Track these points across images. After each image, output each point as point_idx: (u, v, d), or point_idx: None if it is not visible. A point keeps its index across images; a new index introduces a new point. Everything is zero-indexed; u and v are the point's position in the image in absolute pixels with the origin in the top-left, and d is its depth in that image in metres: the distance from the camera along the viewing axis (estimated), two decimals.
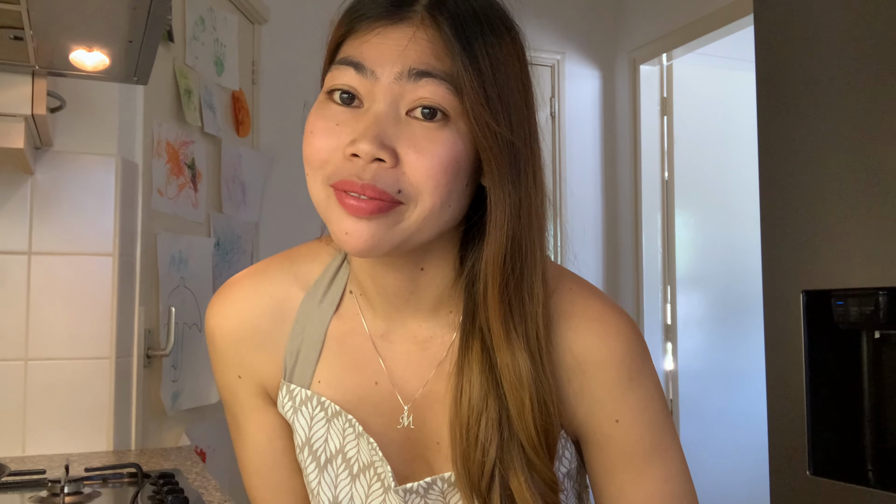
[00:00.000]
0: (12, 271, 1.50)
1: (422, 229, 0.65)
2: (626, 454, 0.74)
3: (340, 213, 0.64)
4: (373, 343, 0.76)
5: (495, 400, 0.69)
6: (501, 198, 0.66)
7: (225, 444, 2.25)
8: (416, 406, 0.75)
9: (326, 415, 0.76)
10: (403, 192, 0.63)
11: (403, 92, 0.63)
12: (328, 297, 0.78)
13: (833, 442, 1.53)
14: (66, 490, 1.15)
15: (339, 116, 0.65)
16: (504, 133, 0.64)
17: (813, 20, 1.54)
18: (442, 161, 0.63)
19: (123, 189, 1.58)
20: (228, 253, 2.33)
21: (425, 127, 0.63)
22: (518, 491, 0.68)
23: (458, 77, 0.62)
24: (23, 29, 1.02)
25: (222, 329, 0.79)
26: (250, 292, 0.80)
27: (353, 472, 0.76)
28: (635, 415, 0.74)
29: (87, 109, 1.56)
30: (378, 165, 0.62)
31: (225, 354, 0.80)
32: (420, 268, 0.71)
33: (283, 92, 2.70)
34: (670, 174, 3.12)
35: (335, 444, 0.76)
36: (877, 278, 1.40)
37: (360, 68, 0.65)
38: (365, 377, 0.76)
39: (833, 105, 1.50)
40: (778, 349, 1.59)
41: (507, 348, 0.68)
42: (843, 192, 1.47)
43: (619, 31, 3.23)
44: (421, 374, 0.75)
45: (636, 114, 3.13)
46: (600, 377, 0.73)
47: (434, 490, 0.74)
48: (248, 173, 2.49)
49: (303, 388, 0.76)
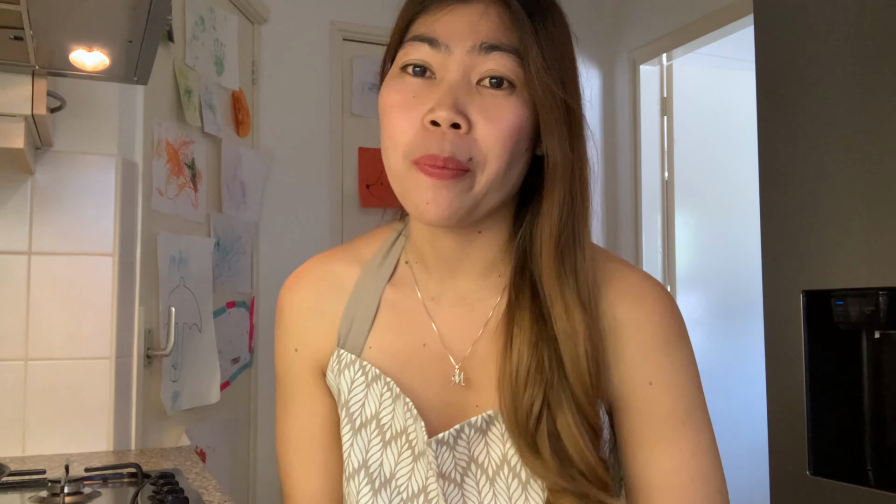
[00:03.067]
0: (12, 271, 1.50)
1: (489, 193, 0.71)
2: (656, 421, 0.75)
3: (421, 183, 0.69)
4: (424, 306, 0.81)
5: (546, 347, 0.72)
6: (560, 155, 0.72)
7: (225, 444, 2.25)
8: (464, 366, 0.78)
9: (366, 379, 0.79)
10: (473, 160, 0.69)
11: (474, 64, 0.70)
12: (383, 267, 0.84)
13: (833, 442, 1.53)
14: (66, 490, 1.15)
15: (415, 88, 0.71)
16: (563, 96, 0.71)
17: (813, 20, 1.55)
18: (509, 126, 0.69)
19: (123, 189, 1.58)
20: (228, 253, 2.33)
21: (493, 94, 0.70)
22: (565, 430, 0.71)
23: (524, 49, 0.70)
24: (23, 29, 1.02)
25: (289, 303, 0.85)
26: (315, 270, 0.86)
27: (385, 438, 0.78)
28: (668, 380, 0.76)
29: (87, 109, 1.56)
30: (454, 133, 0.68)
31: (288, 327, 0.85)
32: (478, 231, 0.77)
33: (283, 92, 2.70)
34: (670, 174, 3.12)
35: (371, 409, 0.79)
36: (877, 278, 1.40)
37: (435, 43, 0.71)
38: (414, 339, 0.80)
39: (833, 105, 1.50)
40: (778, 349, 1.59)
41: (561, 300, 0.72)
42: (843, 192, 1.47)
43: (619, 31, 3.23)
44: (469, 333, 0.79)
45: (636, 114, 3.13)
46: (636, 338, 0.76)
47: (462, 439, 0.76)
48: (248, 173, 2.49)
49: (351, 354, 0.80)
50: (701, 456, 0.75)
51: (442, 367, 0.79)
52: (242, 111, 2.49)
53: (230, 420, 2.31)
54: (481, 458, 0.76)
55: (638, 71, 3.12)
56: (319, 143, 2.78)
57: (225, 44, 2.35)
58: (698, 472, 0.75)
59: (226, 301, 2.30)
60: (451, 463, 0.76)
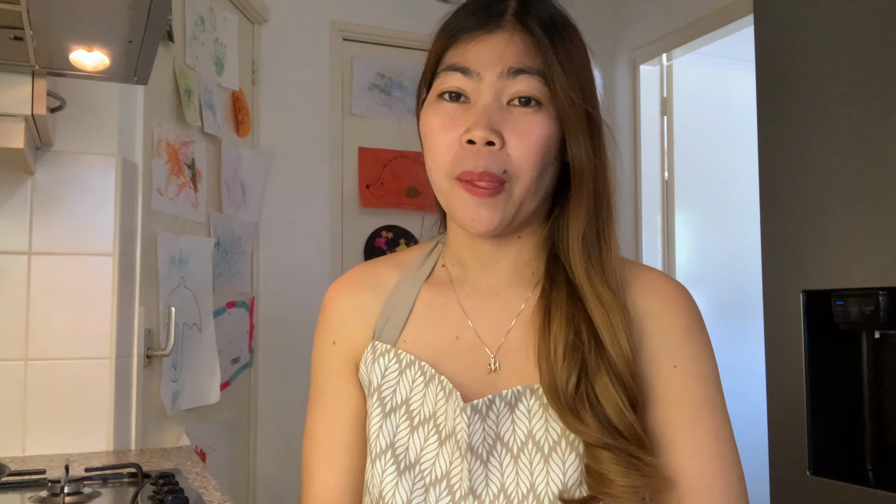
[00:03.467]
0: (12, 271, 1.50)
1: (525, 201, 0.79)
2: (679, 403, 0.80)
3: (464, 200, 0.78)
4: (459, 303, 0.87)
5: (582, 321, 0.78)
6: (584, 158, 0.80)
7: (225, 444, 2.25)
8: (499, 355, 0.84)
9: (400, 366, 0.84)
10: (508, 172, 0.77)
11: (504, 87, 0.78)
12: (421, 269, 0.90)
13: (833, 442, 1.53)
14: (66, 490, 1.15)
15: (452, 112, 0.80)
16: (584, 106, 0.79)
17: (813, 20, 1.55)
18: (538, 139, 0.78)
19: (123, 189, 1.58)
20: (228, 253, 2.33)
21: (523, 112, 0.78)
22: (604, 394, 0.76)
23: (547, 69, 0.78)
24: (23, 29, 1.02)
25: (333, 301, 0.92)
26: (360, 273, 0.93)
27: (413, 423, 0.82)
28: (690, 364, 0.81)
29: (87, 109, 1.56)
30: (489, 150, 0.76)
31: (328, 321, 0.91)
32: (518, 236, 0.85)
33: (283, 92, 2.70)
34: (670, 174, 3.12)
35: (402, 395, 0.83)
36: (877, 278, 1.40)
37: (467, 72, 0.79)
38: (447, 332, 0.85)
39: (833, 105, 1.50)
40: (778, 349, 1.59)
41: (591, 287, 0.79)
42: (843, 192, 1.47)
43: (619, 31, 3.23)
44: (502, 325, 0.85)
45: (636, 114, 3.13)
46: (660, 326, 0.82)
47: (493, 411, 0.80)
48: (248, 173, 2.49)
49: (386, 344, 0.86)
50: (721, 440, 0.80)
51: (474, 358, 0.84)
52: (242, 111, 2.49)
53: (230, 420, 2.31)
54: (507, 436, 0.79)
55: (638, 71, 3.12)
56: (319, 143, 2.78)
57: (225, 44, 2.36)
58: (718, 455, 0.79)
59: (226, 301, 2.30)
60: (481, 437, 0.79)
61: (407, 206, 2.87)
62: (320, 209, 2.76)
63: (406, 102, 2.93)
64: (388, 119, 2.90)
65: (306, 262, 2.71)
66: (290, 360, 2.63)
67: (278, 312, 2.63)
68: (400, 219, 2.87)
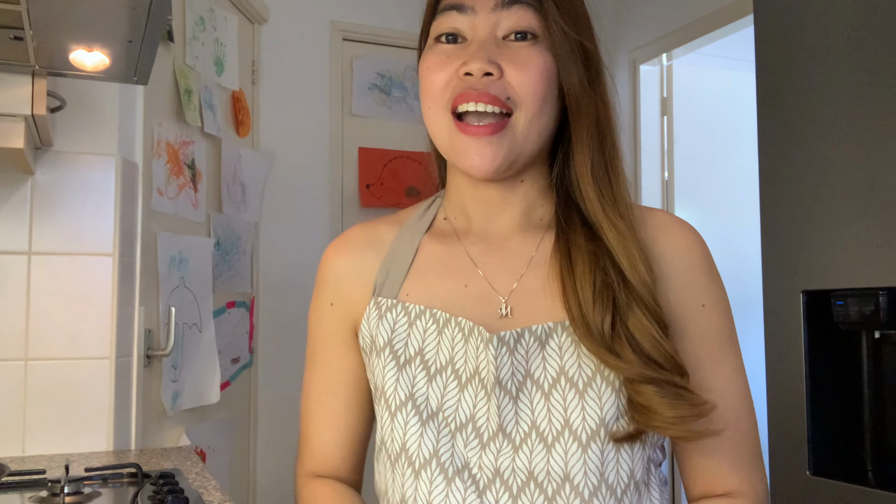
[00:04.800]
0: (12, 271, 1.50)
1: (528, 136, 0.78)
2: (709, 339, 0.81)
3: (463, 143, 0.77)
4: (466, 252, 0.85)
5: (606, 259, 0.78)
6: (582, 93, 0.79)
7: (225, 444, 2.25)
8: (510, 300, 0.82)
9: (409, 318, 0.83)
10: (512, 99, 0.77)
11: (499, 19, 0.78)
12: (421, 221, 0.89)
13: (833, 442, 1.53)
14: (66, 490, 1.15)
15: (448, 51, 0.79)
16: (579, 38, 0.78)
17: (813, 20, 1.55)
18: (538, 70, 0.77)
19: (123, 189, 1.58)
20: (228, 253, 2.33)
21: (519, 46, 0.78)
22: (639, 330, 0.75)
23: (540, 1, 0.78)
24: (23, 29, 1.02)
25: (330, 259, 0.90)
26: (358, 232, 0.91)
27: (430, 372, 0.81)
28: (716, 302, 0.82)
29: (87, 109, 1.56)
30: (488, 79, 0.76)
31: (326, 282, 0.90)
32: (520, 180, 0.84)
33: (283, 92, 2.70)
34: (670, 174, 3.12)
35: (415, 345, 0.82)
36: (877, 278, 1.40)
37: (462, 8, 0.79)
38: (455, 282, 0.84)
39: (833, 105, 1.50)
40: (778, 349, 1.59)
41: (606, 218, 0.79)
42: (843, 192, 1.47)
43: (619, 31, 3.23)
44: (514, 270, 0.83)
45: (636, 114, 3.13)
46: (684, 265, 0.82)
47: (521, 345, 0.78)
48: (248, 173, 2.49)
49: (389, 299, 0.84)
50: (742, 375, 0.83)
51: (485, 305, 0.82)
52: (242, 111, 2.49)
53: (230, 420, 2.31)
54: (537, 373, 0.78)
55: (638, 71, 3.11)
56: (319, 143, 2.78)
57: (225, 44, 2.35)
58: (744, 389, 0.83)
59: (226, 301, 2.30)
60: (509, 371, 0.77)
61: (407, 206, 2.86)
62: (320, 209, 2.76)
63: (407, 102, 2.93)
64: (388, 119, 2.90)
65: (306, 262, 2.71)
66: (290, 360, 2.63)
67: (278, 312, 2.63)
68: None
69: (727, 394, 0.80)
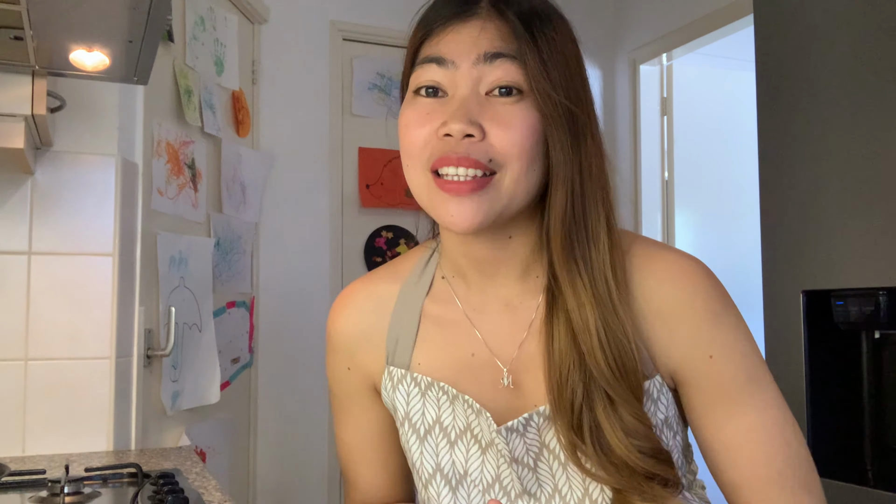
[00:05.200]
0: (12, 271, 1.50)
1: (514, 195, 0.73)
2: (722, 389, 0.78)
3: (443, 199, 0.73)
4: (467, 317, 0.83)
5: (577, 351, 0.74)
6: (561, 158, 0.74)
7: (225, 444, 2.25)
8: (512, 368, 0.81)
9: (420, 389, 0.83)
10: (494, 161, 0.72)
11: (482, 75, 0.73)
12: (420, 283, 0.87)
13: (833, 442, 1.53)
14: (66, 490, 1.15)
15: (429, 107, 0.75)
16: (562, 100, 0.73)
17: (813, 20, 1.54)
18: (522, 130, 0.72)
19: (123, 189, 1.58)
20: (228, 253, 2.33)
21: (503, 103, 0.73)
22: (605, 421, 0.73)
23: (522, 57, 0.72)
24: (23, 29, 1.02)
25: (336, 327, 0.89)
26: (359, 294, 0.90)
27: (450, 439, 0.81)
28: (726, 350, 0.78)
29: (87, 109, 1.56)
30: (469, 141, 0.71)
31: (338, 350, 0.89)
32: (508, 236, 0.79)
33: (283, 92, 2.70)
34: (670, 174, 3.12)
35: (431, 416, 0.82)
36: (877, 278, 1.40)
37: (442, 62, 0.74)
38: (461, 350, 0.83)
39: (833, 105, 1.50)
40: (778, 349, 1.59)
41: (573, 295, 0.74)
42: (843, 191, 1.47)
43: (619, 31, 3.23)
44: (514, 336, 0.81)
45: (636, 114, 3.13)
46: (686, 320, 0.77)
47: (532, 427, 0.78)
48: (248, 173, 2.49)
49: (400, 369, 0.84)
50: (769, 410, 0.79)
51: (492, 373, 0.81)
52: (242, 111, 2.49)
53: (230, 420, 2.31)
54: (552, 444, 0.78)
55: (638, 71, 3.11)
56: (319, 143, 2.78)
57: (225, 44, 2.35)
58: (773, 424, 0.78)
59: (226, 301, 2.30)
60: (523, 448, 0.78)
61: (407, 206, 2.87)
62: (320, 209, 2.76)
63: None
64: (388, 119, 2.90)
65: (306, 261, 2.71)
66: (290, 360, 2.63)
67: (278, 312, 2.63)
68: (400, 219, 2.87)
69: (752, 435, 0.77)
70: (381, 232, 2.86)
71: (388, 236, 2.87)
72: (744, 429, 0.77)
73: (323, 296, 2.72)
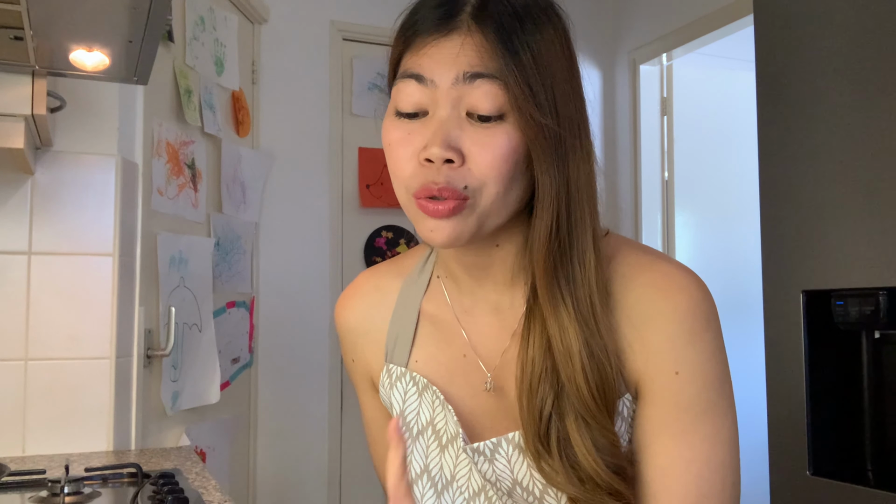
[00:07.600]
0: (12, 271, 1.50)
1: (491, 214, 0.73)
2: (679, 409, 0.76)
3: (423, 217, 0.73)
4: (457, 319, 0.84)
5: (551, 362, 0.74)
6: (546, 181, 0.73)
7: (225, 444, 2.25)
8: (496, 374, 0.82)
9: (418, 388, 0.84)
10: (469, 187, 0.71)
11: (461, 94, 0.71)
12: (419, 281, 0.88)
13: (833, 442, 1.53)
14: (66, 490, 1.15)
15: (410, 126, 0.74)
16: (547, 123, 0.71)
17: (813, 20, 1.54)
18: (501, 153, 0.71)
19: (123, 189, 1.58)
20: (228, 253, 2.33)
21: (483, 125, 0.71)
22: (576, 443, 0.73)
23: (503, 78, 0.70)
24: (23, 29, 1.02)
25: (342, 319, 0.92)
26: (363, 287, 0.92)
27: (441, 442, 0.82)
28: (695, 370, 0.76)
29: (87, 109, 1.56)
30: (448, 167, 0.71)
31: (343, 340, 0.93)
32: (495, 244, 0.79)
33: (283, 92, 2.70)
34: (670, 174, 3.12)
35: (426, 417, 0.83)
36: (877, 278, 1.40)
37: (421, 79, 0.73)
38: (454, 351, 0.84)
39: (833, 105, 1.50)
40: (778, 349, 1.59)
41: (556, 319, 0.74)
42: (844, 191, 1.47)
43: (619, 31, 3.23)
44: (499, 342, 0.82)
45: (636, 114, 3.13)
46: (663, 329, 0.76)
47: (500, 454, 0.78)
48: (248, 173, 2.49)
49: (399, 366, 0.85)
50: (719, 446, 0.76)
51: (479, 376, 0.82)
52: (242, 111, 2.49)
53: (230, 420, 2.31)
54: (525, 480, 0.78)
55: (638, 71, 3.12)
56: (319, 143, 2.78)
57: (225, 44, 2.35)
58: (716, 461, 0.76)
59: (226, 301, 2.30)
60: (493, 476, 0.79)
61: None
62: (320, 209, 2.76)
63: None
64: None
65: (306, 262, 2.71)
66: (290, 360, 2.63)
67: (278, 312, 2.63)
68: (400, 219, 2.87)
69: (691, 466, 0.75)
70: (381, 232, 2.86)
71: (388, 236, 2.87)
72: (687, 457, 0.75)
73: (323, 296, 2.73)
